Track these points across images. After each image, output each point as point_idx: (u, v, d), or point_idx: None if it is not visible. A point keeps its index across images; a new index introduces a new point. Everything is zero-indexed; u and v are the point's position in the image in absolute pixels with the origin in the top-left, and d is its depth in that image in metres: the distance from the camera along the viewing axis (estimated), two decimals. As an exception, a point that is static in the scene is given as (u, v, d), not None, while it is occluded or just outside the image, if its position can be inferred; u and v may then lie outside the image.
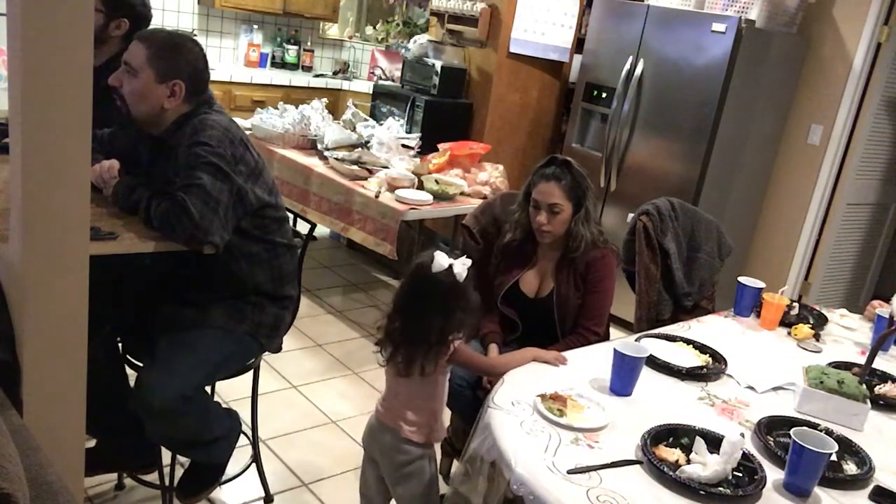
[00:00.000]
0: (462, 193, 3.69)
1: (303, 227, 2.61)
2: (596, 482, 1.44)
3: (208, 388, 2.51)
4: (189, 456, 2.22)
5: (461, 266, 1.82)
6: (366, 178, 3.66)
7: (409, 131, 4.30)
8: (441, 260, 1.80)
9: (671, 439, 1.62)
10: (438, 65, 4.56)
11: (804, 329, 2.39)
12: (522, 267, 2.40)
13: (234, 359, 2.16)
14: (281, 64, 6.00)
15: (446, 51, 4.83)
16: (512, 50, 4.60)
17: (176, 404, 1.92)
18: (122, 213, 1.99)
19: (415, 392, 1.88)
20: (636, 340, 2.11)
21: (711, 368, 2.04)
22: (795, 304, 2.59)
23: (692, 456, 1.54)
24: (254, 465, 2.43)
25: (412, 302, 1.86)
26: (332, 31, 6.38)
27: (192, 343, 2.03)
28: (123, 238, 1.85)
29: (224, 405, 2.35)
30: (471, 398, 2.23)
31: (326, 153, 3.86)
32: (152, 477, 2.29)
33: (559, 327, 2.36)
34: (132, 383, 2.06)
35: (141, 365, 2.10)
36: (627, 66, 4.14)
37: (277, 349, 2.34)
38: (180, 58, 2.01)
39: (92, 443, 2.25)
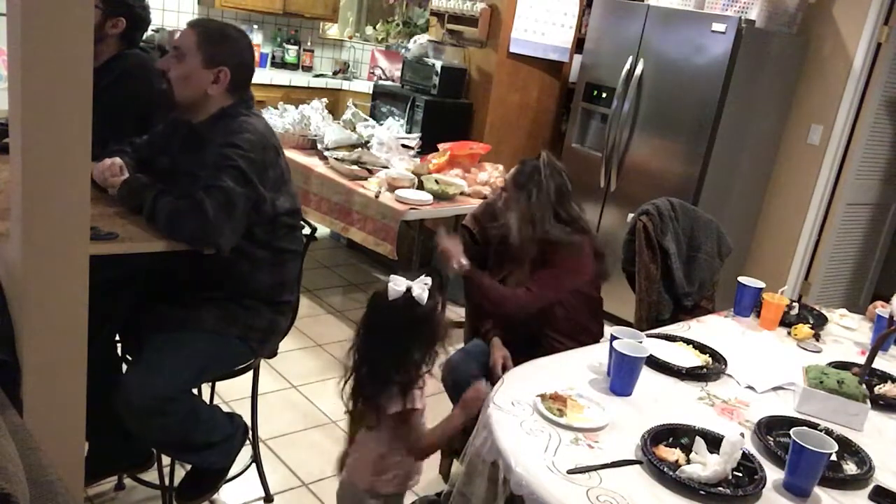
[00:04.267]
0: (462, 193, 3.70)
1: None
2: (596, 482, 1.44)
3: (205, 391, 2.52)
4: (182, 460, 2.21)
5: (420, 288, 1.63)
6: (366, 178, 3.66)
7: (409, 131, 4.30)
8: (397, 285, 1.61)
9: (671, 439, 1.62)
10: (438, 65, 4.55)
11: (804, 329, 2.39)
12: (512, 268, 2.43)
13: (222, 362, 2.14)
14: (281, 64, 6.00)
15: (446, 51, 4.83)
16: (512, 50, 4.60)
17: (156, 404, 1.91)
18: (123, 213, 1.98)
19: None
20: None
21: (711, 368, 2.04)
22: (795, 304, 2.58)
23: (692, 456, 1.54)
24: (254, 465, 2.43)
25: (370, 337, 1.69)
26: (332, 31, 6.38)
27: (179, 344, 2.02)
28: (123, 238, 1.84)
29: (225, 407, 2.35)
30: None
31: (326, 153, 3.86)
32: (152, 477, 2.29)
33: (545, 329, 2.38)
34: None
35: (134, 363, 2.09)
36: (627, 66, 4.14)
37: (272, 354, 2.32)
38: (228, 46, 2.04)
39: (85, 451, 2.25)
